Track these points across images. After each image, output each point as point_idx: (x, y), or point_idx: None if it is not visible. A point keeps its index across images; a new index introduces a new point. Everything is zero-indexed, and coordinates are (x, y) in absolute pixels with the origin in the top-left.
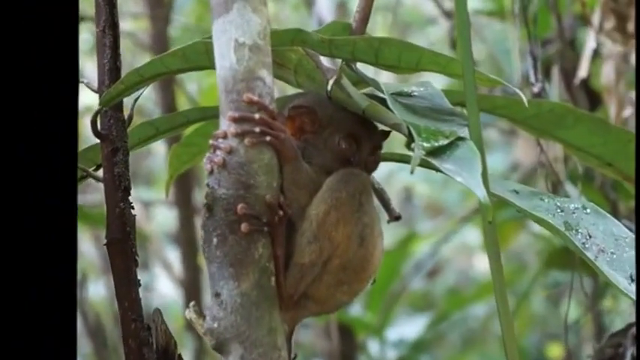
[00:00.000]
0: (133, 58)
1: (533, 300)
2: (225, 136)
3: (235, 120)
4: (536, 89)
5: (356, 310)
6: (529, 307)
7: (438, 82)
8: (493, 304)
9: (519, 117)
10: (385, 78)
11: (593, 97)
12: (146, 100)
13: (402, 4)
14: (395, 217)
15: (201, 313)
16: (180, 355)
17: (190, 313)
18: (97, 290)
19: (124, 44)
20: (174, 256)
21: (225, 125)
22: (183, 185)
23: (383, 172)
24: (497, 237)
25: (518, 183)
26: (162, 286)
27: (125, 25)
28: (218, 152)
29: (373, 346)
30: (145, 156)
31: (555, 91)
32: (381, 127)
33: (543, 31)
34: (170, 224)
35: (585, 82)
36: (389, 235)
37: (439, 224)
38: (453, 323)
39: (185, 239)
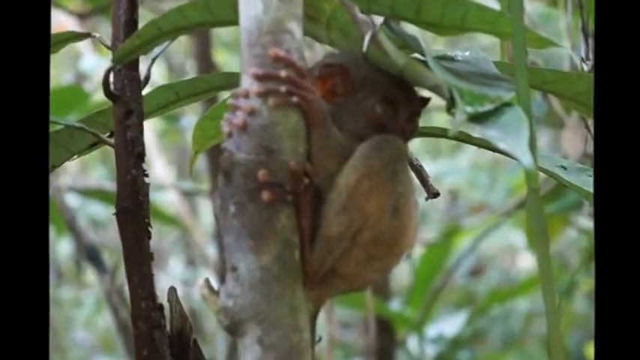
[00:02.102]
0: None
1: (576, 299)
2: (246, 95)
3: (259, 77)
4: (587, 67)
5: (396, 305)
6: (571, 306)
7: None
8: (535, 303)
9: (569, 93)
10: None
11: None
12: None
13: None
14: (433, 194)
15: (215, 290)
16: (195, 340)
17: (203, 289)
18: None
19: None
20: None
21: (247, 83)
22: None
23: (429, 173)
24: (542, 206)
25: None
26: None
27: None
28: (238, 113)
29: (412, 342)
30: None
31: None
32: (421, 93)
33: None
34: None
35: None
36: (433, 231)
37: (483, 219)
38: (494, 320)
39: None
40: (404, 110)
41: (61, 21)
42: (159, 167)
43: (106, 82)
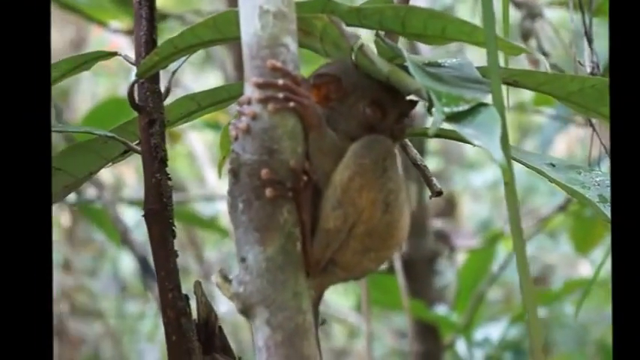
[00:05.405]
0: None
1: None
2: (249, 102)
3: (259, 86)
4: (588, 69)
5: (442, 310)
6: None
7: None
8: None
9: (562, 93)
10: None
11: None
12: None
13: None
14: (437, 193)
15: (227, 279)
16: (220, 328)
17: (217, 278)
18: None
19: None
20: None
21: (249, 91)
22: None
23: (487, 180)
24: (517, 198)
25: None
26: None
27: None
28: (243, 118)
29: (460, 346)
30: None
31: None
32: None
33: None
34: None
35: None
36: (479, 237)
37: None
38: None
39: None
40: (392, 112)
41: (112, 41)
42: (212, 178)
43: (130, 95)
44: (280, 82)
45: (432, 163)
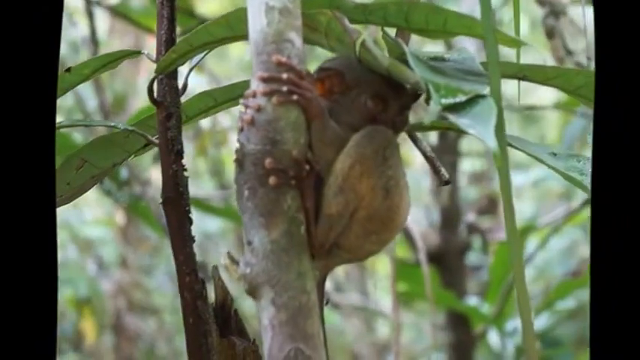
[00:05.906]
0: None
1: None
2: (254, 95)
3: (264, 80)
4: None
5: (473, 301)
6: None
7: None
8: None
9: (570, 87)
10: None
11: None
12: None
13: None
14: (444, 182)
15: (235, 260)
16: (236, 311)
17: (225, 260)
18: None
19: None
20: None
21: (255, 85)
22: None
23: (530, 178)
24: (511, 183)
25: None
26: None
27: None
28: (248, 110)
29: (491, 337)
30: None
31: None
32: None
33: None
34: None
35: None
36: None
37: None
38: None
39: None
40: (394, 104)
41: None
42: None
43: (150, 90)
44: (284, 76)
45: (475, 164)
